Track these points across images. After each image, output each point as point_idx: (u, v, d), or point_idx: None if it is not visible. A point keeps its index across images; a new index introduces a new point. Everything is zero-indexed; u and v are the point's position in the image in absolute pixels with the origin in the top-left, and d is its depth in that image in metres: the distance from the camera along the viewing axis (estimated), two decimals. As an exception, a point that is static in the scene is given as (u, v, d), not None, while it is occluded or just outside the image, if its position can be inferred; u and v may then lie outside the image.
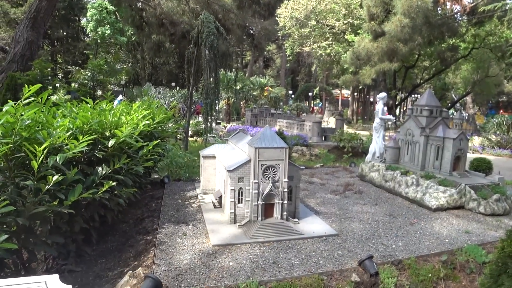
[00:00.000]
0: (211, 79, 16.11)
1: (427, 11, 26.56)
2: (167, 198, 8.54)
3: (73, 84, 29.18)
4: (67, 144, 5.31)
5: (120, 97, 29.62)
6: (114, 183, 5.55)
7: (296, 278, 5.17)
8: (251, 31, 33.17)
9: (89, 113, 6.12)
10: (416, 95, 44.94)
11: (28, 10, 22.73)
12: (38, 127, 5.09)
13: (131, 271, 5.03)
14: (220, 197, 7.76)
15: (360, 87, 41.01)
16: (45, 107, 5.66)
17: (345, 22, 38.09)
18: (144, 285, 4.45)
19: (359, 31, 36.04)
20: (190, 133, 20.90)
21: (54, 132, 5.13)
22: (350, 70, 36.25)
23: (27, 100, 4.91)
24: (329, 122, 36.24)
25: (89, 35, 46.41)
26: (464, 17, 31.82)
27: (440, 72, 38.29)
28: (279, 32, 40.81)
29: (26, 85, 5.18)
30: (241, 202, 6.88)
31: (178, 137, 18.67)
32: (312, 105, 58.66)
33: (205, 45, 16.24)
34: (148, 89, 31.43)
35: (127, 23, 36.19)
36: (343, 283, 5.33)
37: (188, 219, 7.12)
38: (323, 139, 21.59)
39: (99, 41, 41.99)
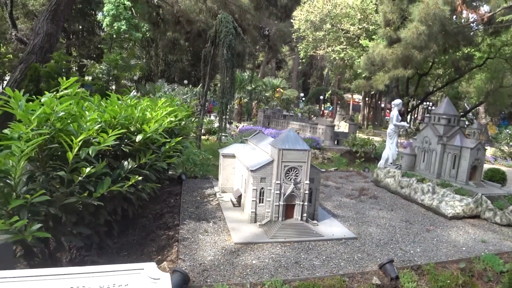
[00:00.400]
0: (227, 78, 16.25)
1: (443, 19, 26.48)
2: (186, 195, 8.65)
3: (86, 78, 29.43)
4: (95, 137, 5.42)
5: (134, 92, 29.86)
6: (140, 178, 5.66)
7: (319, 278, 5.25)
8: (267, 32, 33.27)
9: (116, 107, 6.23)
10: (428, 103, 44.72)
11: (48, 3, 23.01)
12: (70, 119, 5.19)
13: (155, 265, 5.13)
14: (240, 196, 7.85)
15: (372, 92, 40.92)
16: (74, 100, 5.78)
17: (360, 27, 38.03)
18: (172, 279, 4.54)
19: (373, 37, 36.00)
20: (202, 131, 21.01)
21: (85, 125, 5.24)
22: (363, 75, 36.21)
23: (63, 92, 5.04)
24: (340, 126, 36.20)
25: (104, 30, 46.71)
26: (480, 26, 31.67)
27: (454, 80, 38.09)
28: (293, 34, 40.88)
29: (47, 77, 5.31)
30: (262, 202, 6.96)
31: (192, 135, 18.79)
32: (322, 108, 58.64)
33: (223, 45, 16.36)
34: (161, 85, 31.60)
35: (143, 19, 36.42)
36: (364, 285, 5.40)
37: (208, 217, 7.22)
38: (336, 143, 21.61)
39: (114, 36, 42.25)
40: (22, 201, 4.18)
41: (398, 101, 14.70)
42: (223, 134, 20.04)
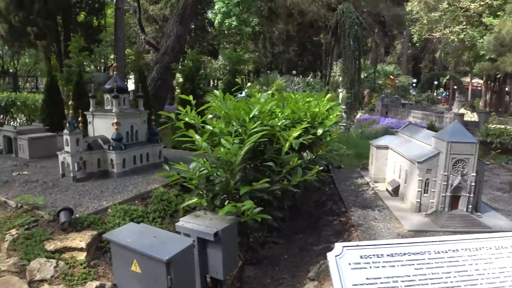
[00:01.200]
0: (354, 69, 16.40)
1: None
2: (339, 184, 9.15)
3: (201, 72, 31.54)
4: (280, 131, 6.11)
5: (248, 84, 31.37)
6: (321, 168, 6.27)
7: (506, 268, 5.38)
8: (382, 18, 32.28)
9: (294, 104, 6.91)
10: None
11: (176, 7, 25.18)
12: (271, 116, 5.95)
13: (345, 247, 5.71)
14: (397, 187, 8.14)
15: (499, 75, 37.54)
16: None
17: (482, 3, 35.02)
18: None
19: (499, 13, 32.89)
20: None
21: (280, 121, 5.95)
22: (487, 57, 33.37)
23: (270, 92, 5.83)
24: (460, 113, 34.02)
25: (214, 27, 49.27)
26: None
27: None
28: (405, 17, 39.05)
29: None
30: (426, 193, 7.19)
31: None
32: (435, 94, 55.29)
33: (348, 36, 16.52)
34: (274, 77, 32.61)
35: (255, 14, 37.76)
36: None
37: (371, 205, 7.64)
38: (465, 132, 20.47)
39: (226, 32, 44.45)
40: (248, 188, 4.98)
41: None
42: (343, 124, 20.25)
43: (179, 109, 5.73)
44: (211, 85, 45.52)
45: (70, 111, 8.15)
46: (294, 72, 43.66)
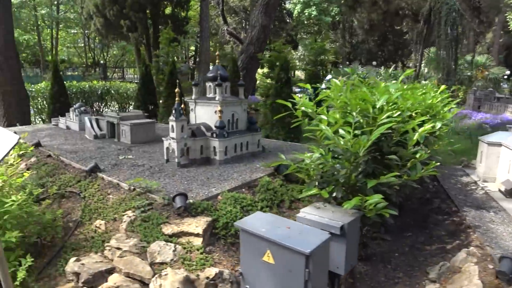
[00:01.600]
0: (452, 60, 15.39)
1: None
2: (443, 181, 8.65)
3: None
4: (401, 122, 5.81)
5: (329, 76, 30.79)
6: (438, 163, 5.91)
7: None
8: (478, 4, 29.86)
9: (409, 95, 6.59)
10: None
11: (261, -1, 25.33)
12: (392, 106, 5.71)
13: (466, 249, 5.38)
14: (513, 187, 7.52)
15: None
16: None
17: None
18: (504, 265, 4.74)
19: None
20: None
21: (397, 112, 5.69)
22: None
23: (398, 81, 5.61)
24: None
25: (293, 17, 48.97)
26: None
27: None
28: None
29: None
30: (553, 196, 6.56)
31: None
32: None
33: (445, 24, 15.51)
34: (355, 68, 31.73)
35: (336, 3, 36.87)
36: None
37: (484, 206, 7.14)
38: None
39: (305, 22, 44.00)
40: (375, 182, 4.81)
41: None
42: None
43: (294, 97, 5.71)
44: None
45: (177, 99, 8.43)
46: (374, 63, 42.17)
